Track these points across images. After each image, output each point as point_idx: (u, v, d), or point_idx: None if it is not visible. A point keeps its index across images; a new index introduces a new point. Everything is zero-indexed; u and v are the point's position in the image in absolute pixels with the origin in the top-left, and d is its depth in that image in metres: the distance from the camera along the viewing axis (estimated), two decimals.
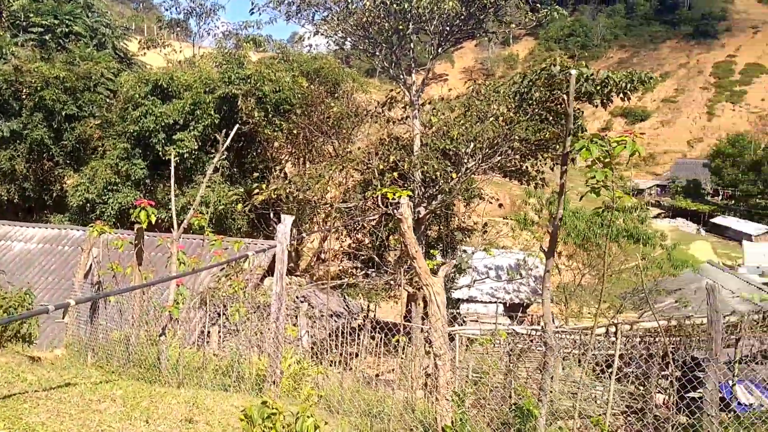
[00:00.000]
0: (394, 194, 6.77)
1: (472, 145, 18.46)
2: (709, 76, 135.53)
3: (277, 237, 7.28)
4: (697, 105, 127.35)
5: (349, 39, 21.65)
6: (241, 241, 9.36)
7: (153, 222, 7.88)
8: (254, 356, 9.05)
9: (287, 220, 7.29)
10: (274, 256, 7.67)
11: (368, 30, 19.90)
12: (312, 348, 15.01)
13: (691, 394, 12.60)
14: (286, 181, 18.76)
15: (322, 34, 21.46)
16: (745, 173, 78.03)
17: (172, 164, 8.93)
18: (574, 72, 5.33)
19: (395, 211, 6.69)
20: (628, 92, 17.18)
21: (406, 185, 19.10)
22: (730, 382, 13.38)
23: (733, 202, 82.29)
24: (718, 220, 75.00)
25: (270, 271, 17.35)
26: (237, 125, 10.76)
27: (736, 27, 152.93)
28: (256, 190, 18.77)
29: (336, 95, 28.12)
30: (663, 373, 13.71)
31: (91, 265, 10.29)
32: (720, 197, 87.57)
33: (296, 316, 16.26)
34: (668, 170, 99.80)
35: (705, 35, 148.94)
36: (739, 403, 13.38)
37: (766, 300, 16.36)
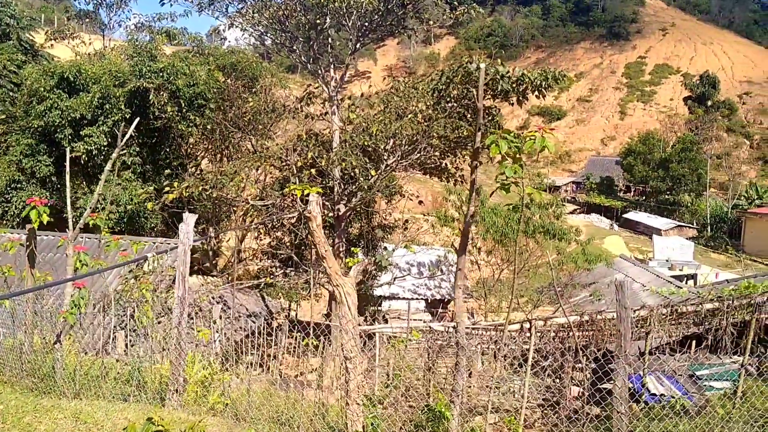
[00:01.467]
0: (303, 191, 6.52)
1: (391, 141, 18.35)
2: (621, 77, 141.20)
3: (180, 237, 6.89)
4: (610, 104, 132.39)
5: (266, 33, 21.16)
6: (140, 243, 8.84)
7: (45, 222, 7.32)
8: (165, 362, 8.60)
9: (190, 219, 6.90)
10: None
11: (285, 24, 19.49)
12: (226, 352, 14.53)
13: (605, 386, 12.90)
14: (200, 179, 18.12)
15: (237, 27, 20.89)
16: (655, 170, 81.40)
17: (67, 158, 8.35)
18: (483, 65, 5.22)
19: (305, 209, 6.44)
20: (543, 90, 17.45)
21: (325, 182, 18.82)
22: (641, 374, 13.80)
23: (644, 198, 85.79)
24: (630, 215, 77.97)
25: None
26: (139, 118, 10.22)
27: (646, 29, 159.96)
28: (167, 188, 18.07)
29: (254, 90, 27.46)
30: (578, 365, 14.00)
31: None
32: (632, 193, 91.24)
33: (210, 319, 15.73)
34: (583, 167, 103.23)
35: (617, 37, 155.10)
36: (650, 394, 13.81)
37: (674, 293, 16.97)
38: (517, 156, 5.32)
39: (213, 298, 18.80)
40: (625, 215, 78.74)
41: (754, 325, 10.71)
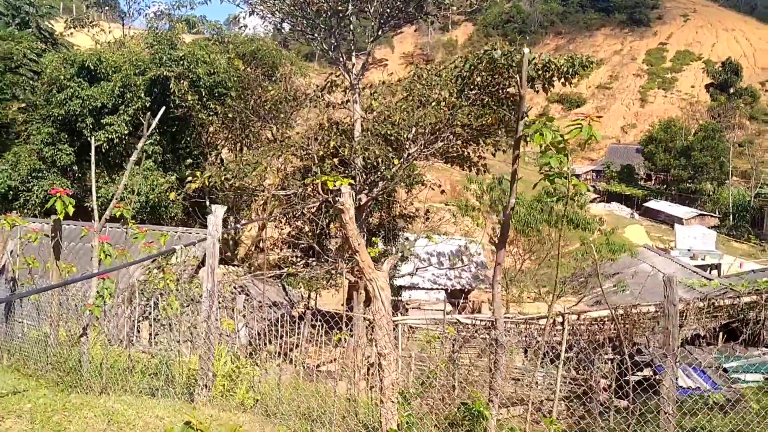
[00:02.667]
0: (335, 182, 6.33)
1: (414, 130, 18.08)
2: (642, 63, 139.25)
3: (208, 229, 6.73)
4: (631, 91, 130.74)
5: (286, 20, 20.91)
6: (167, 234, 8.71)
7: (70, 213, 7.18)
8: (188, 353, 8.48)
9: (218, 211, 6.74)
10: None
11: (306, 10, 19.22)
12: (250, 343, 14.47)
13: (632, 378, 12.64)
14: (222, 168, 17.97)
15: (257, 14, 20.67)
16: (677, 158, 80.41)
17: (93, 148, 8.22)
18: (526, 50, 4.98)
19: (336, 200, 6.24)
20: (569, 77, 17.10)
21: (346, 171, 18.62)
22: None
23: (665, 186, 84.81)
24: (651, 204, 77.19)
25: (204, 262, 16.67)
26: (164, 108, 10.07)
27: (668, 15, 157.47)
28: (189, 178, 17.95)
29: (273, 78, 27.29)
30: (606, 357, 13.76)
31: (5, 259, 9.50)
32: (652, 182, 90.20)
33: (233, 309, 15.67)
34: (603, 156, 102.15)
35: (638, 23, 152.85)
36: (679, 387, 13.54)
37: (705, 285, 16.64)
38: (561, 146, 5.08)
39: (236, 287, 18.75)
40: (646, 204, 77.96)
41: None
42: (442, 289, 30.20)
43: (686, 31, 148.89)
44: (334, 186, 6.09)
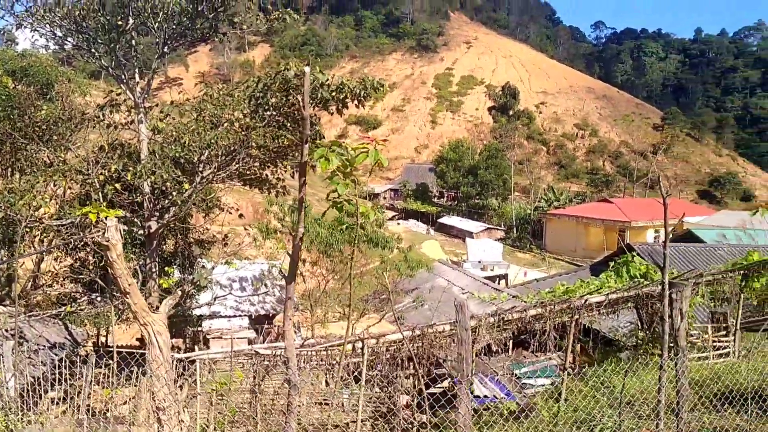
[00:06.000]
0: (99, 214, 5.52)
1: (206, 152, 17.20)
2: (431, 87, 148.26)
3: None
4: (422, 114, 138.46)
5: (64, 35, 19.00)
6: None
7: None
8: None
9: None
10: None
11: (82, 25, 17.61)
12: (21, 395, 12.67)
13: (432, 390, 12.87)
14: None
15: (26, 28, 18.57)
16: (465, 176, 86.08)
17: None
18: (307, 69, 4.65)
19: (102, 236, 5.44)
20: (362, 99, 17.26)
21: (133, 197, 17.26)
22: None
23: (456, 202, 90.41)
24: (444, 219, 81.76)
25: None
26: None
27: (452, 42, 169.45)
28: None
29: (49, 97, 24.76)
30: (407, 373, 13.92)
31: None
32: (445, 199, 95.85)
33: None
34: (399, 175, 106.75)
35: (426, 49, 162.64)
36: (475, 396, 14.04)
37: (495, 298, 17.60)
38: (348, 170, 4.78)
39: (6, 331, 16.50)
40: (439, 220, 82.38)
41: (574, 328, 11.17)
42: (245, 315, 29.23)
43: (469, 57, 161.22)
44: (98, 218, 5.30)
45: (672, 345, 6.91)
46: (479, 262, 49.91)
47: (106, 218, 5.38)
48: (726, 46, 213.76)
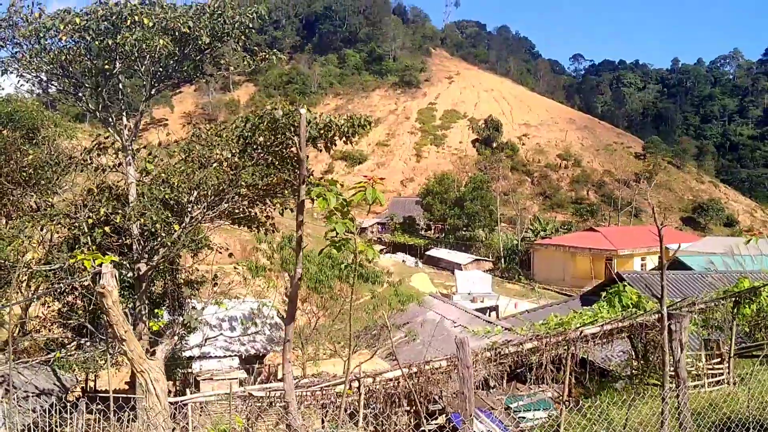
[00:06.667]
0: (93, 261, 5.47)
1: (195, 192, 17.16)
2: (415, 122, 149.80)
3: None
4: (407, 148, 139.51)
5: (49, 79, 19.02)
6: None
7: None
8: None
9: None
10: None
11: (68, 70, 17.64)
12: None
13: (428, 427, 12.71)
14: None
15: (12, 73, 18.57)
16: (452, 208, 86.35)
17: None
18: (303, 111, 4.67)
19: (97, 283, 5.38)
20: (350, 136, 17.35)
21: (122, 240, 17.12)
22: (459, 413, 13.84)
23: (443, 235, 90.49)
24: (432, 252, 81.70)
25: None
26: None
27: (434, 77, 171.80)
28: None
29: (35, 141, 24.72)
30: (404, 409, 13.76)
31: None
32: (432, 231, 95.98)
33: None
34: (386, 208, 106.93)
35: (409, 84, 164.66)
36: None
37: (489, 331, 17.54)
38: (346, 210, 4.78)
39: None
40: (427, 252, 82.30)
41: (570, 360, 11.13)
42: (235, 355, 28.83)
43: (452, 91, 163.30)
44: (93, 265, 5.24)
45: (672, 376, 6.88)
46: (469, 293, 49.74)
47: (100, 264, 5.32)
48: (703, 75, 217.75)
